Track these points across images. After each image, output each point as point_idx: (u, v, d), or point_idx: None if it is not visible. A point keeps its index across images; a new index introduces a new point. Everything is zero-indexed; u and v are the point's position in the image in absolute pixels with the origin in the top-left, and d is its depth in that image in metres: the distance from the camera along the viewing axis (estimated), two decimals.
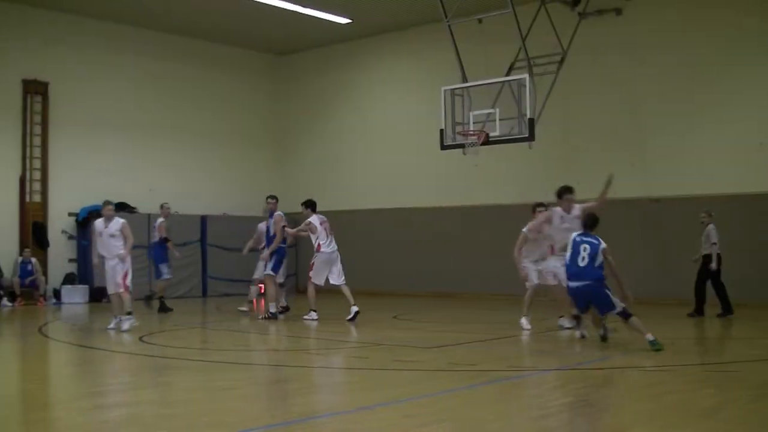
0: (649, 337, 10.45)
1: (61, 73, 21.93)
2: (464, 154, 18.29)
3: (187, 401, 7.86)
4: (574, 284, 11.01)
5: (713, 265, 15.79)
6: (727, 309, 15.86)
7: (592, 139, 20.37)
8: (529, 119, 17.07)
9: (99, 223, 14.48)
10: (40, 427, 6.85)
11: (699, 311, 16.06)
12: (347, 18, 22.48)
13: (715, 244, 15.84)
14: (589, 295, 10.89)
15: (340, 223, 24.52)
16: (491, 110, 17.63)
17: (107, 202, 14.69)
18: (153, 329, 14.54)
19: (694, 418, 6.75)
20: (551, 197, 13.72)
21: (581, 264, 10.86)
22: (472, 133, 17.67)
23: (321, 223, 15.80)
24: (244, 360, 10.84)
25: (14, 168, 21.08)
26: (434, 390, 8.53)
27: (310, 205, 16.17)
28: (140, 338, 12.93)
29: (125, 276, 14.15)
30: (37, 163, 21.35)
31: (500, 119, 17.46)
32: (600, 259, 10.80)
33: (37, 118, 21.52)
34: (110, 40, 22.92)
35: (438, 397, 8.08)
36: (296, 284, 25.45)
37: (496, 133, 17.51)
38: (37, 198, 21.36)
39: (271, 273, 16.07)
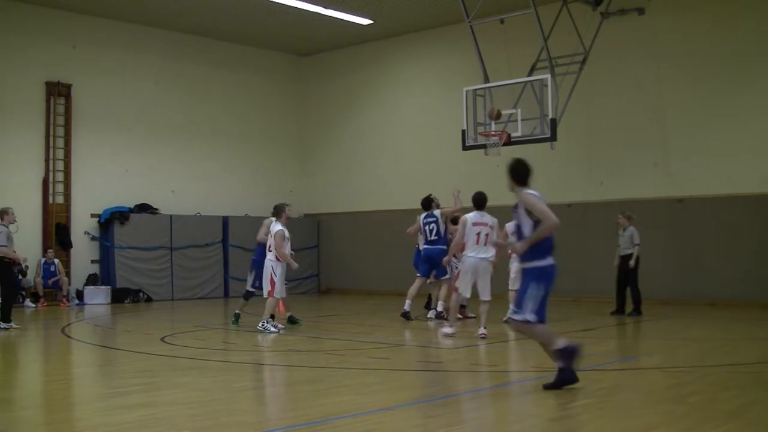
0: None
1: (85, 75, 22.04)
2: (486, 154, 18.24)
3: (208, 402, 7.87)
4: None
5: (632, 262, 16.19)
6: (637, 309, 16.28)
7: (615, 139, 20.26)
8: (551, 119, 17.01)
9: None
10: (63, 427, 6.89)
11: (621, 310, 16.46)
12: (369, 19, 22.48)
13: (638, 245, 16.26)
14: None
15: (361, 223, 24.66)
16: (513, 110, 17.58)
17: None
18: (175, 330, 14.56)
19: (718, 420, 6.68)
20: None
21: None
22: (494, 133, 17.63)
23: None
24: (266, 361, 10.83)
25: (38, 170, 21.19)
26: (456, 391, 8.51)
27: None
28: (162, 339, 12.98)
29: (270, 280, 14.18)
30: (60, 165, 21.45)
31: (522, 119, 17.42)
32: None
33: (60, 120, 21.62)
34: (133, 42, 23.00)
35: (460, 398, 8.05)
36: (318, 285, 25.51)
37: (518, 134, 17.47)
38: (60, 199, 21.46)
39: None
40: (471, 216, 12.85)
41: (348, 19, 22.32)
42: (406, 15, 22.33)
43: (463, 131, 18.20)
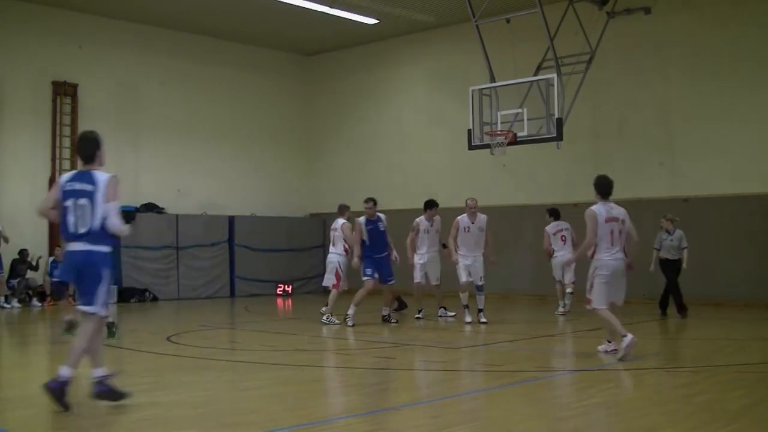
0: None
1: (91, 74, 22.11)
2: (492, 153, 18.22)
3: (213, 401, 7.89)
4: None
5: (685, 266, 15.74)
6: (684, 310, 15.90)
7: (621, 138, 20.22)
8: (557, 119, 16.99)
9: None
10: (71, 426, 6.91)
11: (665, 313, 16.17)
12: (374, 18, 22.47)
13: (686, 247, 15.80)
14: None
15: None
16: (519, 110, 17.57)
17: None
18: (180, 329, 14.57)
19: (723, 420, 6.67)
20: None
21: None
22: (499, 132, 17.62)
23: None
24: (271, 360, 10.82)
25: (44, 169, 21.24)
26: (461, 390, 8.51)
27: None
28: (168, 338, 12.99)
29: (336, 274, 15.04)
30: (67, 164, 21.43)
31: (528, 119, 17.40)
32: None
33: (67, 120, 21.68)
34: (139, 42, 23.06)
35: (465, 397, 8.05)
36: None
37: (524, 133, 17.46)
38: None
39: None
40: (600, 209, 10.32)
41: (354, 18, 22.33)
42: (411, 14, 22.29)
43: (469, 131, 18.18)
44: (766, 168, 18.21)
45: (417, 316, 15.77)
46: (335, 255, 15.21)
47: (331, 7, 21.15)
